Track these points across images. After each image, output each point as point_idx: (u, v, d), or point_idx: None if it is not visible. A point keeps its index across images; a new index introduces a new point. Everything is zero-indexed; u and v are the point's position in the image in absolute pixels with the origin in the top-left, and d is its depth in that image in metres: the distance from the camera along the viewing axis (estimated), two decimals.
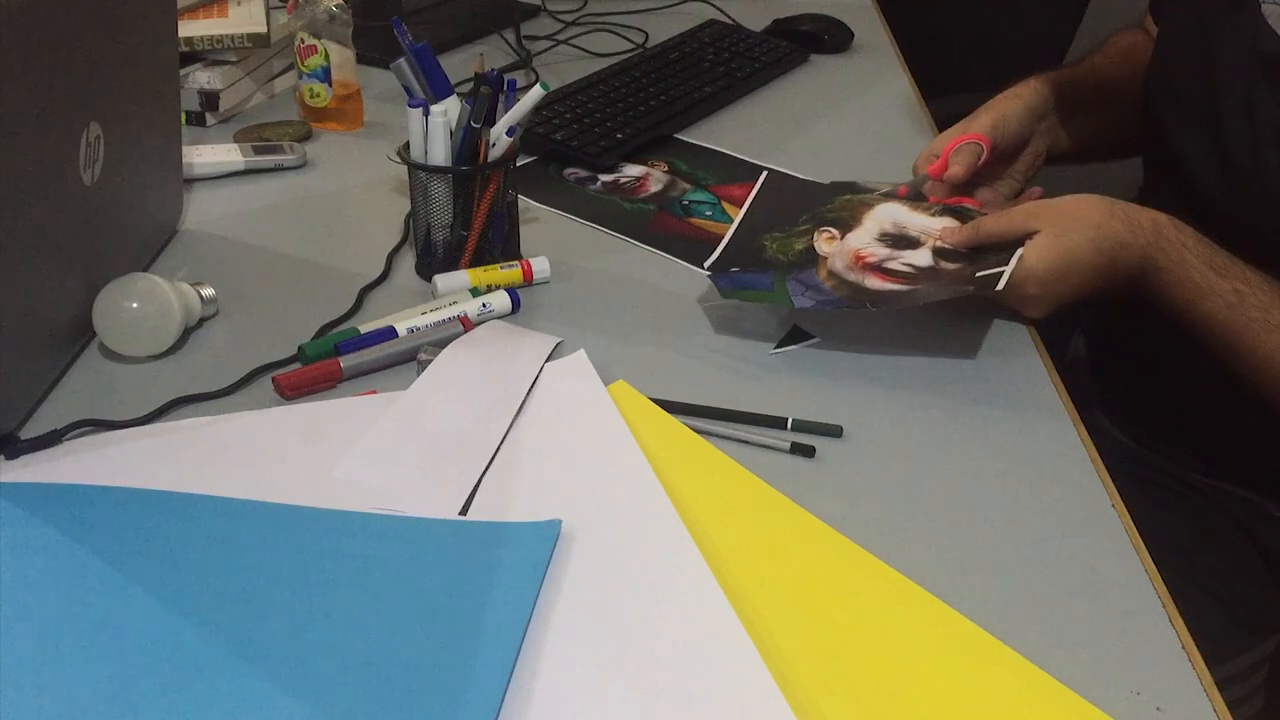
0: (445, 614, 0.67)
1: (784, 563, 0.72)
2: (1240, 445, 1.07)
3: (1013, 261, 0.90)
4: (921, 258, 0.97)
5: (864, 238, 1.00)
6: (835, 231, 1.01)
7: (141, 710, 0.61)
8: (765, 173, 1.15)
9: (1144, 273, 0.91)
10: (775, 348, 0.93)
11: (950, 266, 0.95)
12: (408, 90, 0.99)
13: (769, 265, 0.99)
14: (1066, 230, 0.91)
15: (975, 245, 0.95)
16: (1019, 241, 0.92)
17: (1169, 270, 0.91)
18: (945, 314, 0.97)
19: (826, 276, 0.96)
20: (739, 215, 1.08)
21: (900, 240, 0.98)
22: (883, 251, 0.97)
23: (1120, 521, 0.77)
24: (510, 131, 0.99)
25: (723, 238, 1.06)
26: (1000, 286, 0.89)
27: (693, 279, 1.03)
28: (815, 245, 1.00)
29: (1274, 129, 0.94)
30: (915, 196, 1.06)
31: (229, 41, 1.28)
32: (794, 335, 0.94)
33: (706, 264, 1.03)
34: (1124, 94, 1.18)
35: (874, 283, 0.95)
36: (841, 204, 1.05)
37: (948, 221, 0.99)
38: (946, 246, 0.96)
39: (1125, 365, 1.16)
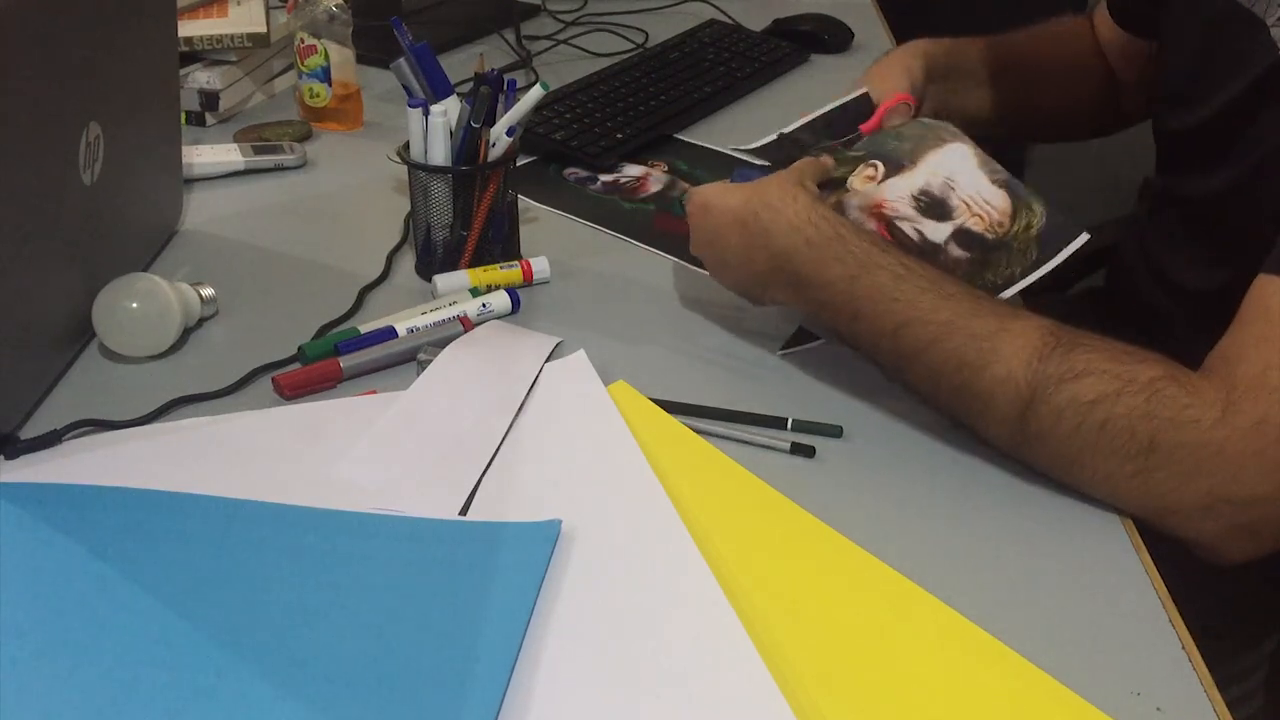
0: (445, 614, 0.67)
1: (784, 563, 0.72)
2: None
3: (1031, 276, 0.89)
4: (937, 232, 0.93)
5: (901, 189, 0.94)
6: (881, 169, 0.96)
7: (141, 710, 0.61)
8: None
9: (793, 250, 0.85)
10: (782, 349, 0.93)
11: (959, 254, 0.92)
12: (408, 90, 0.99)
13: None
14: (699, 227, 0.92)
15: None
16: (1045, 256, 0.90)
17: (824, 245, 0.84)
18: None
19: (833, 205, 0.94)
20: (816, 112, 1.07)
21: (934, 208, 0.93)
22: (906, 211, 0.93)
23: (1120, 521, 0.77)
24: (510, 131, 0.99)
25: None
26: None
27: (693, 279, 1.03)
28: (851, 180, 0.96)
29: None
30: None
31: (229, 41, 1.28)
32: (800, 336, 0.94)
33: (749, 146, 1.05)
34: (1029, 73, 1.17)
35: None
36: (913, 131, 0.99)
37: (1000, 196, 0.92)
38: (973, 230, 0.92)
39: None
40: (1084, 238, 0.88)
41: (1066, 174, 1.01)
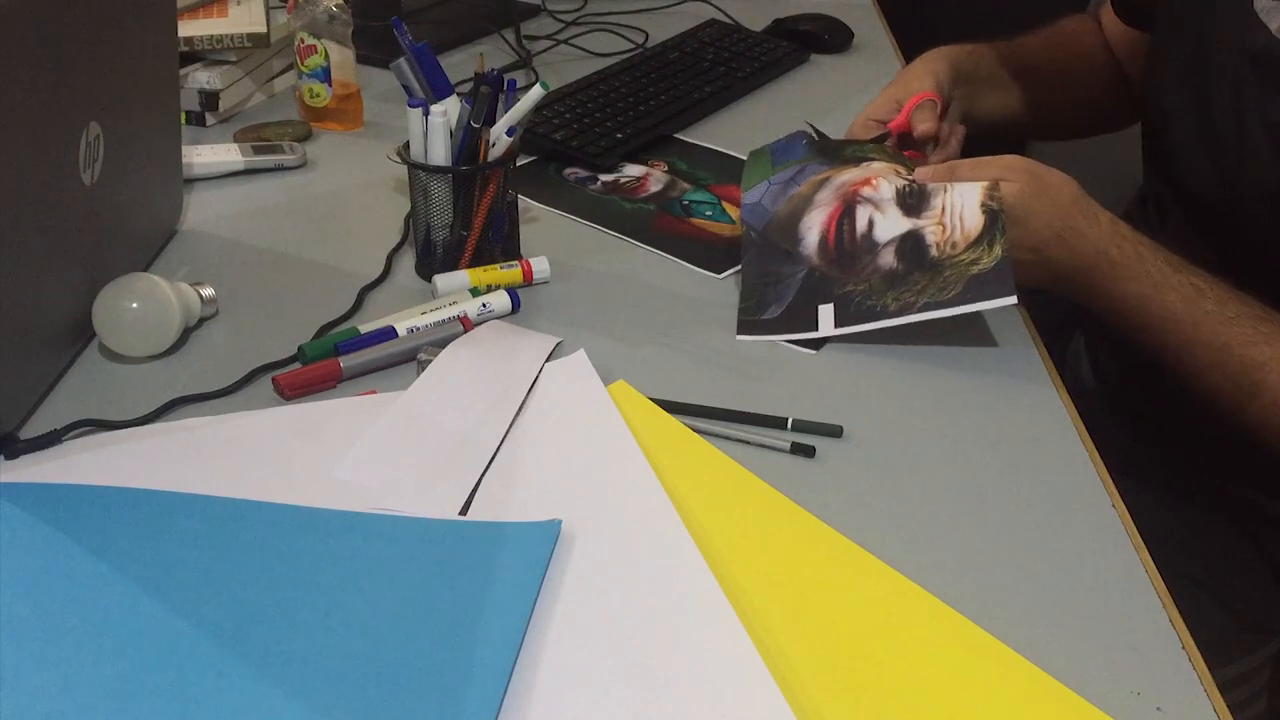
0: (445, 614, 0.67)
1: (784, 563, 0.72)
2: (1241, 445, 1.07)
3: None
4: (888, 229, 0.94)
5: (895, 178, 0.97)
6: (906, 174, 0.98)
7: (141, 710, 0.61)
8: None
9: (1094, 266, 0.91)
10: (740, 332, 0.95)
11: (885, 264, 0.92)
12: (408, 90, 0.99)
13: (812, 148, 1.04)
14: (1034, 195, 0.91)
15: (947, 180, 0.94)
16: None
17: (1124, 264, 0.90)
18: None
19: (809, 186, 0.99)
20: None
21: (913, 200, 0.94)
22: (882, 196, 0.95)
23: (1120, 522, 0.77)
24: (510, 131, 0.99)
25: (723, 235, 1.07)
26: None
27: (693, 279, 1.03)
28: (871, 165, 0.99)
29: (1261, 122, 0.94)
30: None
31: (229, 41, 1.28)
32: (754, 326, 0.95)
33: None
34: (1044, 74, 1.21)
35: (810, 232, 0.97)
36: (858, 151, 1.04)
37: (976, 219, 0.92)
38: (925, 239, 0.92)
39: (1125, 364, 1.16)
40: (1010, 300, 0.87)
41: (1068, 167, 1.01)
